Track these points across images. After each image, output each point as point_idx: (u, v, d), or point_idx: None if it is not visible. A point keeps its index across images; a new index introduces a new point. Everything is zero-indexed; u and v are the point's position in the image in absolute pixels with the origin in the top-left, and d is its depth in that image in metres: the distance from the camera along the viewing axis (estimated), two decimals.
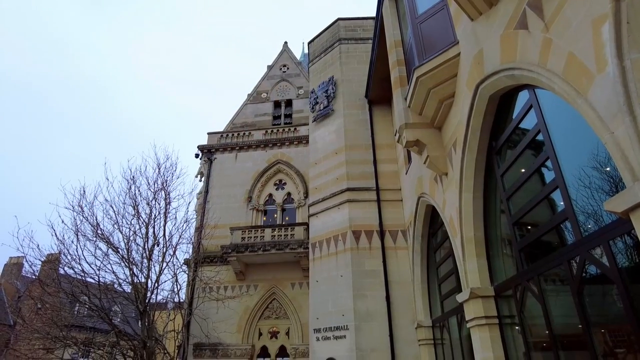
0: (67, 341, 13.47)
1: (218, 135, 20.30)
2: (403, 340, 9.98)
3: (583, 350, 4.31)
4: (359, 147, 12.57)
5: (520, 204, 5.44)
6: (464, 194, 6.48)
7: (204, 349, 15.43)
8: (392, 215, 11.44)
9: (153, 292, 13.55)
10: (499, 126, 6.02)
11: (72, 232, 13.75)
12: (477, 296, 6.05)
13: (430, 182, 8.37)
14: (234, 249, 15.73)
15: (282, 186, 18.83)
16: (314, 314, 11.50)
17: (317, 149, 13.78)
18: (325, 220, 12.29)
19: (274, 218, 18.31)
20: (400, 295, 10.44)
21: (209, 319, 15.24)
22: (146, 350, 12.69)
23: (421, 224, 9.65)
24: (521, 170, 5.41)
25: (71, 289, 13.34)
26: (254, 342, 15.72)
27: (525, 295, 5.37)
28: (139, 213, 14.05)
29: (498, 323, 5.98)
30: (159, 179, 14.81)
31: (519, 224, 5.53)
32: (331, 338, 10.63)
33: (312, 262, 12.36)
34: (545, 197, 4.77)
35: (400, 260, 10.85)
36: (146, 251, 13.68)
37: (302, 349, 14.63)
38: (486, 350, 5.90)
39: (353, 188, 11.90)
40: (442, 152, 7.44)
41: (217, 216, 16.68)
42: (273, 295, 16.30)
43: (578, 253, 4.10)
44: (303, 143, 18.82)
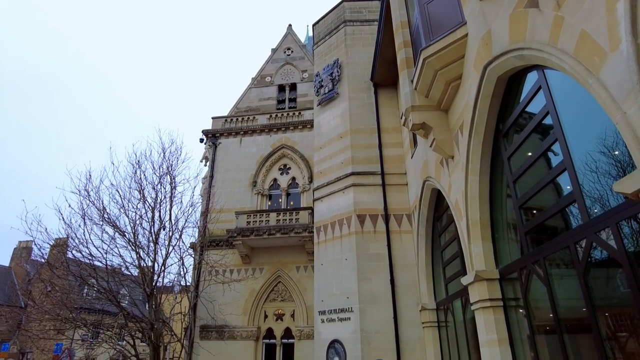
0: (77, 322, 13.75)
1: (222, 119, 20.23)
2: (407, 322, 10.08)
3: (587, 334, 4.33)
4: (364, 131, 12.49)
5: (526, 187, 5.41)
6: (470, 177, 6.45)
7: (210, 331, 15.69)
8: (397, 199, 11.43)
9: (160, 275, 13.74)
10: (507, 108, 5.94)
11: (79, 216, 13.91)
12: (482, 279, 6.07)
13: (436, 166, 8.33)
14: (239, 232, 15.84)
15: (286, 171, 18.83)
16: (319, 296, 11.62)
17: (322, 133, 13.71)
18: (330, 205, 12.31)
19: (279, 203, 18.37)
20: (404, 278, 10.51)
21: (215, 301, 15.46)
22: (154, 331, 12.93)
23: (426, 208, 9.64)
24: (528, 153, 5.36)
25: (79, 272, 13.55)
26: (260, 324, 15.95)
27: (530, 278, 5.37)
28: (145, 197, 14.14)
29: (502, 305, 6.01)
30: (164, 163, 14.87)
31: (525, 208, 5.50)
32: (336, 320, 10.75)
33: (317, 245, 12.43)
34: (553, 180, 4.72)
35: (405, 244, 10.88)
36: (152, 235, 13.82)
37: (307, 331, 14.84)
38: (490, 332, 5.94)
39: (358, 172, 11.87)
40: (449, 135, 7.37)
41: (222, 200, 16.76)
42: (278, 278, 16.47)
43: (585, 235, 4.07)
44: (307, 127, 18.73)
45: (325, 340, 10.88)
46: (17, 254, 44.16)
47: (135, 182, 14.37)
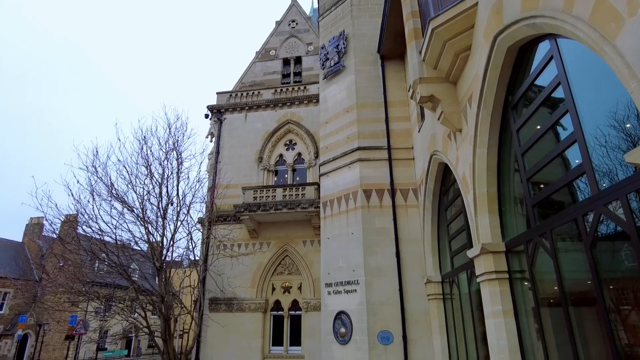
0: (90, 295, 14.13)
1: (227, 95, 20.06)
2: (412, 294, 10.23)
3: (592, 307, 4.36)
4: (370, 104, 12.32)
5: (534, 160, 5.35)
6: (478, 150, 6.38)
7: (219, 303, 16.06)
8: (404, 173, 11.38)
9: (169, 250, 13.97)
10: (517, 79, 5.82)
11: (88, 192, 14.07)
12: (488, 251, 6.10)
13: (444, 139, 8.24)
14: (246, 208, 15.97)
15: (292, 146, 18.78)
16: (325, 269, 11.78)
17: (328, 108, 13.56)
18: (336, 180, 12.30)
19: (285, 178, 18.41)
20: (410, 251, 10.59)
21: (223, 274, 15.75)
22: (164, 304, 13.26)
23: (433, 182, 9.60)
24: (537, 126, 5.28)
25: (90, 247, 13.81)
26: (268, 296, 16.28)
27: (536, 251, 5.38)
28: (152, 173, 14.22)
29: (508, 278, 6.06)
30: (170, 139, 14.87)
31: (533, 181, 5.46)
32: (342, 292, 10.93)
33: (323, 220, 12.50)
34: (562, 152, 4.66)
35: (411, 218, 10.92)
36: (160, 210, 13.97)
37: (314, 303, 15.14)
38: (495, 304, 6.01)
39: (364, 147, 11.79)
40: (457, 108, 7.26)
41: (228, 176, 16.82)
42: (285, 252, 16.69)
43: (593, 207, 4.05)
44: (313, 102, 18.54)
45: (331, 311, 11.10)
46: (29, 229, 45.11)
47: (142, 157, 14.44)
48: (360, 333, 10.17)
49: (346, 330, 10.52)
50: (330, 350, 10.83)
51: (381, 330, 10.00)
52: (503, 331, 5.83)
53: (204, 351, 15.59)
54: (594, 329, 4.46)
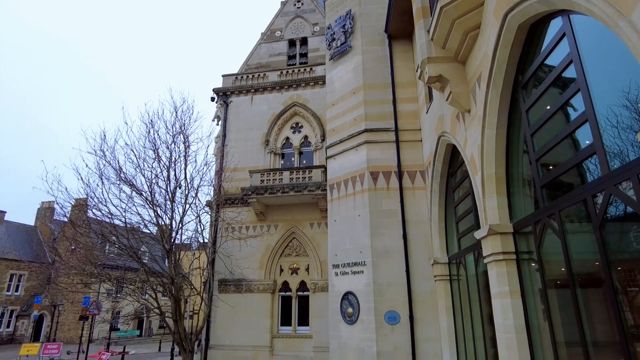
0: (102, 277, 14.42)
1: (233, 77, 19.93)
2: (419, 275, 10.30)
3: (599, 288, 4.36)
4: (377, 86, 12.18)
5: (544, 141, 5.29)
6: (487, 131, 6.32)
7: (228, 284, 16.32)
8: (411, 155, 11.32)
9: (178, 233, 14.14)
10: (527, 58, 5.71)
11: (97, 176, 14.21)
12: (495, 233, 6.09)
13: (452, 120, 8.15)
14: (253, 191, 16.05)
15: (298, 129, 18.71)
16: (333, 251, 11.87)
17: (334, 89, 13.43)
18: (343, 162, 12.28)
19: (292, 161, 18.41)
20: (417, 233, 10.62)
21: (232, 256, 15.96)
22: (174, 285, 13.50)
23: (440, 164, 9.55)
24: (547, 106, 5.20)
25: (100, 230, 14.03)
26: (276, 277, 16.50)
27: (544, 232, 5.37)
28: (159, 156, 14.29)
29: (515, 259, 6.06)
30: (176, 122, 14.87)
31: (542, 161, 5.40)
32: (349, 273, 11.04)
33: (330, 202, 12.54)
34: (573, 132, 4.59)
35: (418, 200, 10.91)
36: (169, 193, 14.09)
37: (322, 284, 15.32)
38: (502, 284, 6.04)
39: (371, 129, 11.71)
40: (465, 88, 7.16)
41: (235, 159, 16.86)
42: (293, 234, 16.82)
43: (604, 187, 4.01)
44: (319, 84, 18.37)
45: (339, 292, 11.24)
46: (41, 213, 45.90)
47: (149, 141, 14.48)
48: (367, 313, 10.30)
49: (353, 310, 10.67)
50: (338, 329, 11.01)
51: (388, 310, 10.12)
52: (510, 311, 5.87)
53: (214, 331, 15.93)
54: (601, 310, 4.47)
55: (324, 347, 13.51)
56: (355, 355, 10.29)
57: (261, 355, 15.17)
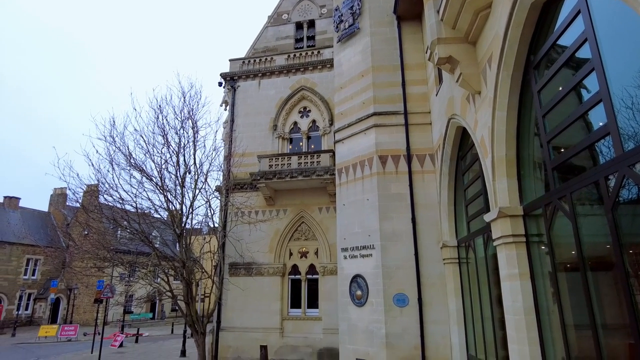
0: (115, 261, 14.70)
1: (240, 61, 19.80)
2: (428, 259, 10.33)
3: (610, 271, 4.34)
4: (386, 68, 12.02)
5: (555, 122, 5.20)
6: (497, 113, 6.23)
7: (239, 268, 16.55)
8: (420, 139, 11.23)
9: (188, 217, 14.31)
10: (539, 38, 5.59)
11: (107, 162, 14.35)
12: (505, 215, 6.06)
13: (462, 102, 8.05)
14: (262, 176, 16.11)
15: (306, 114, 18.62)
16: (341, 234, 11.93)
17: (342, 72, 13.29)
18: (351, 146, 12.23)
19: (300, 146, 18.38)
20: (426, 217, 10.61)
21: (242, 240, 16.14)
22: (185, 269, 13.72)
23: (450, 147, 9.47)
24: (559, 87, 5.10)
25: (112, 215, 14.24)
26: (285, 261, 16.68)
27: (555, 215, 5.33)
28: (169, 142, 14.36)
29: (525, 241, 6.04)
30: (185, 107, 14.89)
31: (554, 143, 5.33)
32: (358, 256, 11.11)
33: (339, 187, 12.55)
34: (587, 112, 4.51)
35: (427, 184, 10.86)
36: (179, 179, 14.20)
37: (330, 267, 15.46)
38: (512, 267, 6.04)
39: (380, 112, 11.61)
40: (476, 69, 7.04)
41: (244, 144, 16.89)
42: (302, 219, 16.92)
43: (617, 169, 3.95)
44: (327, 67, 18.19)
45: (348, 275, 11.34)
46: (54, 199, 46.72)
47: (158, 127, 14.55)
48: (376, 295, 10.40)
49: (362, 292, 10.77)
50: (347, 311, 11.14)
51: (397, 292, 10.20)
52: (519, 293, 5.88)
53: (225, 313, 16.23)
54: (611, 293, 4.46)
55: (334, 329, 13.70)
56: (365, 336, 10.44)
57: (272, 336, 15.45)
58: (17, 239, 38.62)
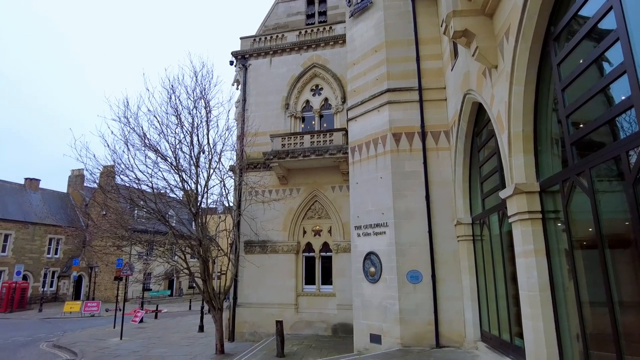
0: (133, 240, 15.08)
1: (251, 39, 19.57)
2: (442, 236, 10.33)
3: (629, 248, 4.27)
4: (400, 43, 11.74)
5: (575, 96, 5.05)
6: (515, 87, 6.08)
7: (254, 246, 16.81)
8: (435, 115, 11.04)
9: (203, 197, 14.51)
10: (560, 9, 5.37)
11: (122, 143, 14.55)
12: (521, 192, 5.99)
13: (478, 77, 7.86)
14: (275, 155, 16.14)
15: (318, 91, 18.43)
16: (355, 213, 11.97)
17: (355, 48, 13.05)
18: (364, 124, 12.11)
19: (312, 125, 18.27)
20: (440, 194, 10.55)
21: (256, 219, 16.35)
22: (202, 247, 14.01)
23: (465, 123, 9.31)
24: (580, 59, 4.93)
25: (129, 195, 14.52)
26: (299, 239, 16.87)
27: (572, 191, 5.25)
28: (182, 122, 14.47)
29: (541, 218, 5.98)
30: (197, 87, 14.91)
31: (573, 118, 5.19)
32: (371, 234, 11.17)
33: (352, 165, 12.51)
34: (610, 84, 4.36)
35: (442, 161, 10.75)
36: (193, 158, 14.35)
37: (344, 245, 15.59)
38: (527, 243, 6.00)
39: (394, 89, 11.42)
40: (493, 43, 6.83)
41: (256, 124, 16.88)
42: (315, 197, 16.99)
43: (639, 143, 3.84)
44: (339, 43, 17.87)
45: (361, 252, 11.43)
46: (72, 181, 47.72)
47: (171, 107, 14.64)
48: (389, 272, 10.49)
49: (376, 269, 10.87)
50: (361, 288, 11.29)
51: (410, 269, 10.27)
52: (534, 270, 5.87)
53: (241, 290, 16.59)
54: (629, 270, 4.41)
55: (347, 305, 13.93)
56: (379, 312, 10.59)
57: (287, 312, 15.79)
58: (39, 219, 39.80)
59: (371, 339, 10.67)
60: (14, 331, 22.62)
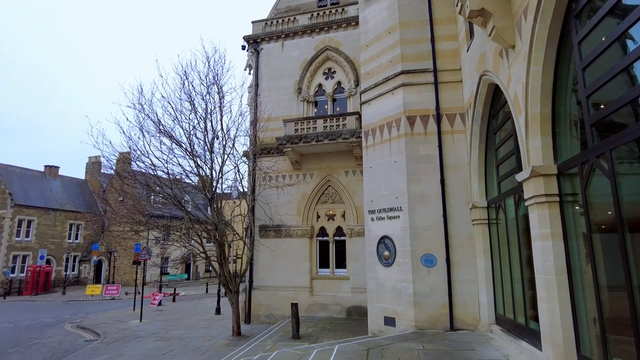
0: (150, 225, 15.38)
1: (262, 23, 19.39)
2: (456, 220, 10.27)
3: None
4: (414, 23, 11.49)
5: (596, 75, 4.90)
6: (533, 67, 5.93)
7: (268, 230, 16.99)
8: (450, 97, 10.85)
9: (218, 182, 14.66)
10: None
11: (137, 129, 14.71)
12: (538, 174, 5.90)
13: (495, 58, 7.68)
14: (288, 140, 16.13)
15: (331, 75, 18.25)
16: (368, 197, 11.96)
17: (368, 30, 12.83)
18: (378, 107, 11.99)
19: (325, 109, 18.16)
20: (455, 178, 10.45)
21: (271, 203, 16.49)
22: (217, 231, 14.22)
23: (481, 105, 9.14)
24: (603, 37, 4.76)
25: (145, 181, 14.75)
26: (313, 223, 16.97)
27: (592, 173, 5.15)
28: (195, 108, 14.53)
29: (559, 201, 5.89)
30: (209, 72, 14.91)
31: (593, 99, 5.05)
32: (385, 218, 11.16)
33: (365, 149, 12.44)
34: (633, 62, 4.22)
35: (457, 144, 10.61)
36: (207, 144, 14.45)
37: (358, 229, 15.64)
38: (543, 226, 5.93)
39: (408, 71, 11.23)
40: (510, 22, 6.65)
41: (269, 109, 16.86)
42: (328, 182, 17.01)
43: None
44: (352, 25, 17.59)
45: (375, 236, 11.45)
46: (89, 167, 48.69)
47: (185, 93, 14.71)
48: (403, 256, 10.51)
49: (390, 253, 10.90)
50: (375, 271, 11.35)
51: (424, 253, 10.27)
52: (550, 253, 5.81)
53: (257, 273, 16.86)
54: None
55: (361, 288, 14.05)
56: (393, 295, 10.66)
57: (302, 295, 16.01)
58: (59, 205, 40.86)
59: (385, 321, 10.78)
60: (40, 312, 23.51)
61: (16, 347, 14.00)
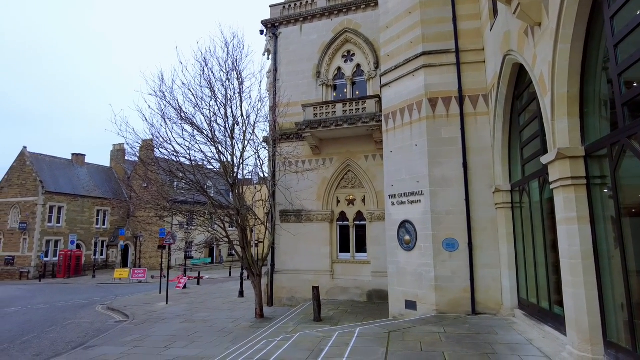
0: (174, 210, 15.75)
1: (280, 7, 19.21)
2: (479, 204, 10.11)
3: None
4: (435, 2, 11.15)
5: (629, 52, 4.68)
6: (560, 46, 5.69)
7: (289, 215, 17.15)
8: (473, 78, 10.57)
9: (239, 168, 14.84)
10: None
11: (160, 117, 14.96)
12: (564, 157, 5.73)
13: (520, 37, 7.41)
14: (307, 125, 16.10)
15: (350, 58, 18.01)
16: (389, 181, 11.89)
17: (388, 10, 12.56)
18: (399, 90, 11.80)
19: (344, 93, 17.98)
20: (478, 161, 10.26)
21: (291, 189, 16.61)
22: (240, 216, 14.45)
23: (505, 86, 8.88)
24: (638, 11, 4.52)
25: (169, 167, 15.05)
26: (333, 208, 17.02)
27: (622, 155, 4.96)
28: (215, 94, 14.64)
29: (586, 184, 5.72)
30: (229, 59, 14.95)
31: (626, 77, 4.83)
32: (406, 203, 11.09)
33: (386, 133, 12.31)
34: None
35: (480, 126, 10.37)
36: (227, 130, 14.59)
37: (378, 214, 15.62)
38: (569, 210, 5.78)
39: (429, 51, 10.98)
40: None
41: (288, 94, 16.82)
42: (348, 167, 16.97)
43: None
44: (371, 6, 17.23)
45: (395, 220, 11.42)
46: (114, 155, 49.98)
47: (205, 80, 14.81)
48: (424, 240, 10.46)
49: (410, 237, 10.87)
50: (395, 255, 11.35)
51: (446, 237, 10.19)
52: (576, 237, 5.67)
53: (279, 257, 17.11)
54: None
55: (382, 272, 14.10)
56: (414, 279, 10.66)
57: (322, 278, 16.19)
58: (86, 192, 42.26)
59: (406, 305, 10.81)
60: (73, 294, 24.60)
61: (52, 326, 14.74)
